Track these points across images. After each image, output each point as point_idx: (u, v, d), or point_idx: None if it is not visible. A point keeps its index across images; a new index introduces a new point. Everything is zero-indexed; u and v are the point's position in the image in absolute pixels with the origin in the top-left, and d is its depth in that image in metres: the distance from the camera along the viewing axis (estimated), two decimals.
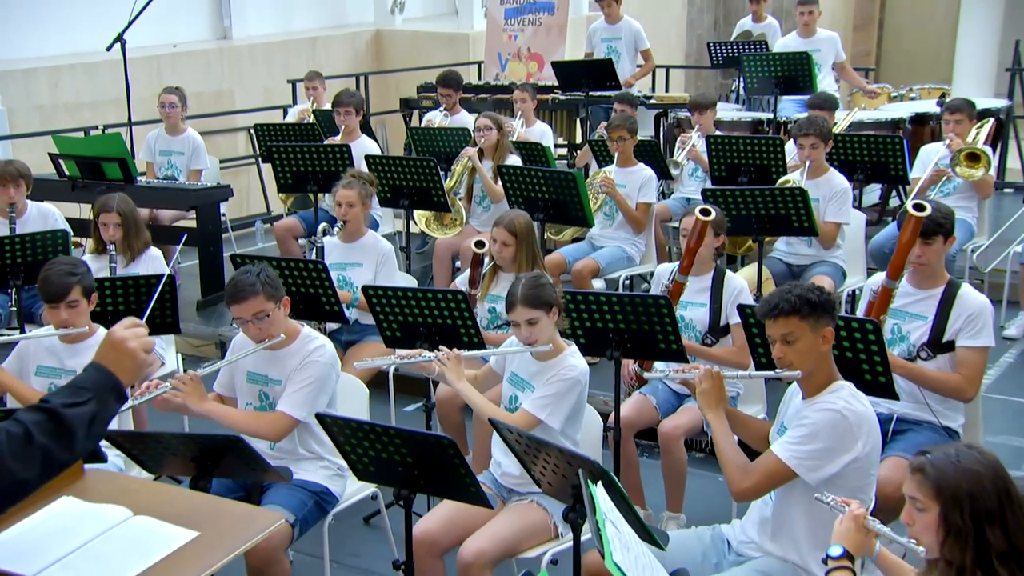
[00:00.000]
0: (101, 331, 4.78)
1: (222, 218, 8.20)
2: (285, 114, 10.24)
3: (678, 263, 5.45)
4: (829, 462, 3.51)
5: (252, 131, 8.57)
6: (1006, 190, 10.00)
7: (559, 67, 9.62)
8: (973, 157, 6.93)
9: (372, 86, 12.00)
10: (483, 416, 4.31)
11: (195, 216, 7.81)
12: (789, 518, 3.65)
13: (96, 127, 8.89)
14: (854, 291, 6.48)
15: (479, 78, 11.85)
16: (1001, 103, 9.57)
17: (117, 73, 10.37)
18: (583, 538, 3.65)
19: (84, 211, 8.04)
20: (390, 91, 12.36)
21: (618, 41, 10.20)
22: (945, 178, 6.98)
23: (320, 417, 3.85)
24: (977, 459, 2.76)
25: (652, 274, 7.18)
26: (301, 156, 7.32)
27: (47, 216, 6.69)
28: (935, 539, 2.74)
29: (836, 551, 3.05)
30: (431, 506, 5.24)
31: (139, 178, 7.82)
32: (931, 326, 4.64)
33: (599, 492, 3.04)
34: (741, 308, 4.70)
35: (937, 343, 4.65)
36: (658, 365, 4.96)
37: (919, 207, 4.49)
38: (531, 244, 5.58)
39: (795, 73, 8.43)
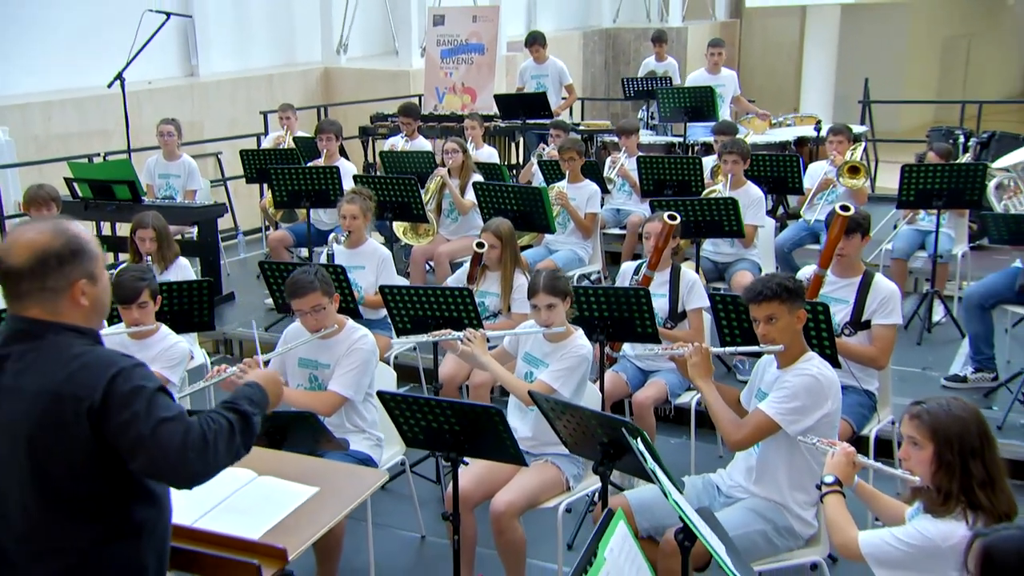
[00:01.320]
0: (164, 328, 4.81)
1: None
2: (259, 142, 10.12)
3: (639, 262, 5.67)
4: (806, 417, 3.67)
5: (239, 155, 8.45)
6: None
7: (500, 99, 9.74)
8: (854, 170, 7.25)
9: (316, 116, 11.92)
10: (505, 385, 4.43)
11: (196, 230, 7.78)
12: (771, 465, 3.81)
13: (98, 154, 8.72)
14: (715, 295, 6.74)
15: (420, 109, 11.84)
16: (863, 128, 10.04)
17: (102, 107, 10.32)
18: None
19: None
20: (340, 121, 12.32)
21: (545, 78, 10.32)
22: (832, 187, 7.32)
23: (381, 395, 3.90)
24: (963, 407, 2.96)
25: (594, 273, 7.46)
26: (295, 176, 7.29)
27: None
28: (928, 470, 2.93)
29: (830, 479, 3.22)
30: (439, 474, 5.38)
31: (143, 198, 7.75)
32: (852, 308, 4.85)
33: (642, 446, 3.21)
34: (712, 296, 4.91)
35: (857, 322, 4.86)
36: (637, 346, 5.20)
37: (845, 208, 4.78)
38: (514, 246, 5.72)
39: (701, 104, 8.69)
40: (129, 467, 2.32)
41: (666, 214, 5.17)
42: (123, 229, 8.42)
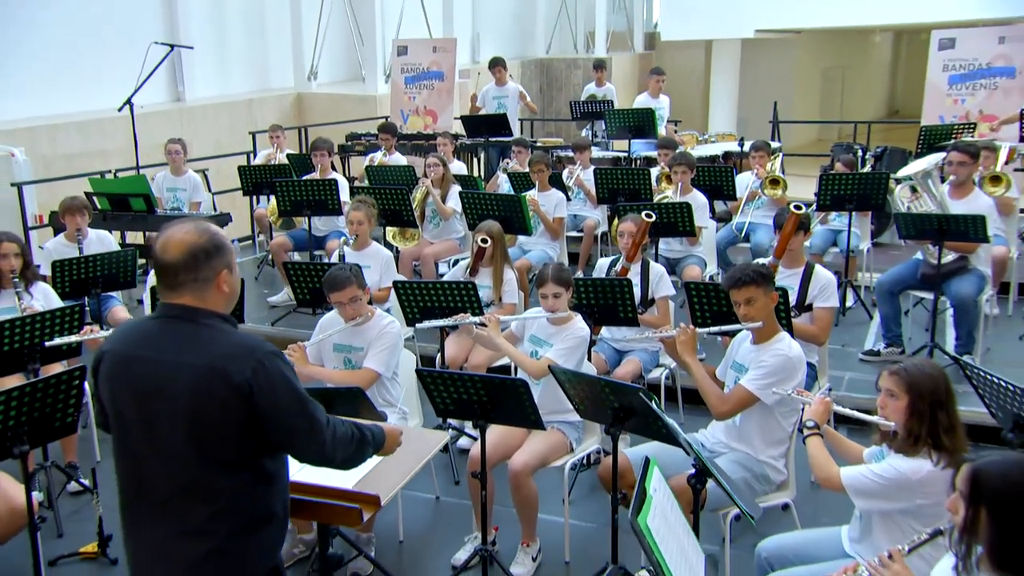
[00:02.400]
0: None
1: None
2: (250, 159, 10.07)
3: (612, 258, 5.81)
4: (781, 387, 3.82)
5: (237, 170, 8.41)
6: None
7: (466, 120, 9.83)
8: (775, 182, 7.57)
9: (297, 136, 11.95)
10: (516, 361, 4.54)
11: None
12: (749, 427, 4.00)
13: (109, 171, 8.63)
14: (711, 275, 6.99)
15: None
16: (777, 144, 10.39)
17: (102, 129, 10.19)
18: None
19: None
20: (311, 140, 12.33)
21: (506, 98, 10.46)
22: (757, 197, 7.57)
23: (420, 372, 4.00)
24: (933, 367, 3.19)
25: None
26: (298, 188, 7.33)
27: (103, 239, 6.53)
28: (902, 418, 3.12)
29: (810, 423, 3.40)
30: (448, 445, 5.39)
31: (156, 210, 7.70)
32: (797, 293, 5.06)
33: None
34: (687, 285, 5.09)
35: (801, 305, 5.09)
36: (625, 330, 5.37)
37: (798, 207, 5.05)
38: (503, 245, 5.83)
39: (644, 123, 8.93)
40: (268, 438, 2.45)
41: (643, 213, 5.37)
42: (137, 237, 8.40)
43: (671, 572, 2.47)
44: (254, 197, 9.14)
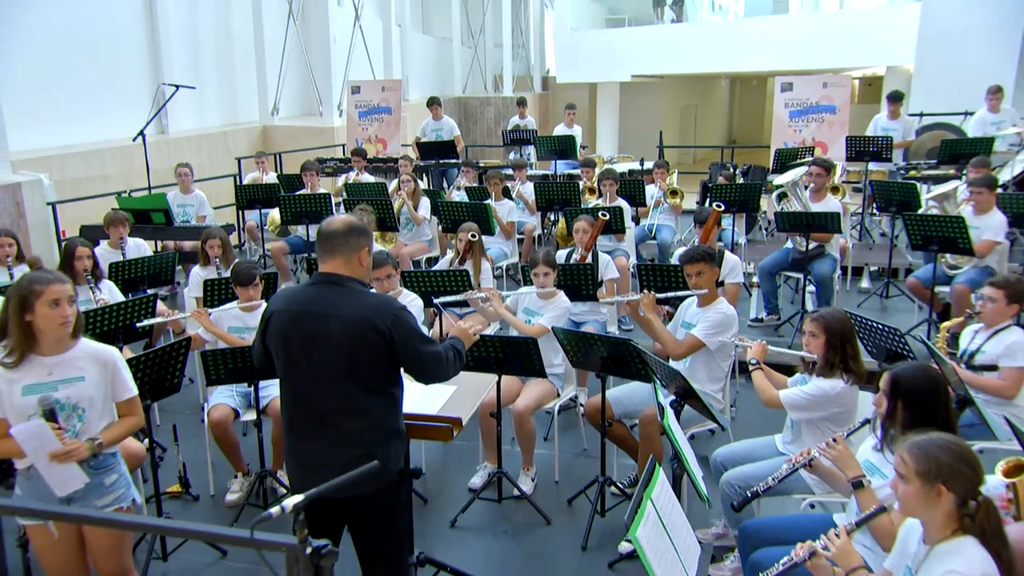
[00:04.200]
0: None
1: None
2: (237, 180, 10.01)
3: (569, 249, 6.10)
4: (719, 338, 4.28)
5: (236, 189, 8.38)
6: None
7: (421, 146, 9.97)
8: (674, 192, 8.14)
9: (273, 161, 11.85)
10: (516, 327, 4.78)
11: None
12: (696, 367, 4.38)
13: (124, 191, 8.51)
14: (633, 265, 7.40)
15: (343, 154, 11.97)
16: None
17: (103, 158, 10.01)
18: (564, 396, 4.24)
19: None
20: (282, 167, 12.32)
21: (441, 130, 10.66)
22: (660, 204, 8.10)
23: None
24: (839, 312, 3.61)
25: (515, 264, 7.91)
26: (298, 201, 7.43)
27: (139, 246, 6.51)
28: (821, 350, 3.54)
29: (753, 361, 3.82)
30: None
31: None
32: None
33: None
34: (639, 266, 5.46)
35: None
36: (579, 305, 5.65)
37: (719, 205, 5.53)
38: (481, 241, 6.15)
39: (566, 147, 9.34)
40: (402, 367, 2.76)
41: (599, 213, 5.77)
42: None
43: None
44: (245, 211, 9.12)
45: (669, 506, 2.68)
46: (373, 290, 2.90)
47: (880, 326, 4.20)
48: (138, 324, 4.60)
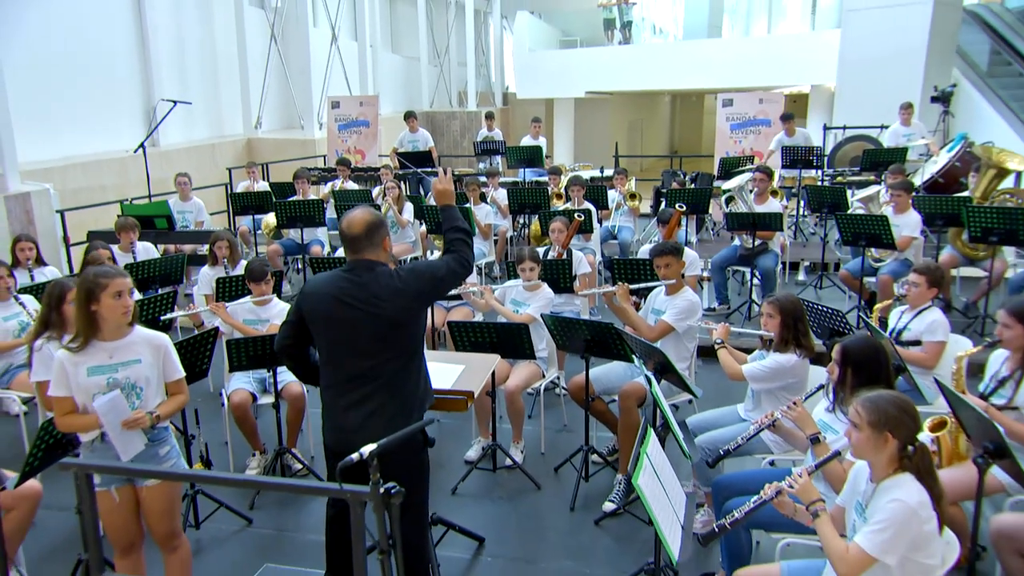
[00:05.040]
0: (276, 300, 4.97)
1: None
2: (228, 189, 9.98)
3: (546, 247, 6.22)
4: (687, 323, 4.43)
5: (231, 197, 8.42)
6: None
7: (400, 155, 10.07)
8: (633, 196, 8.41)
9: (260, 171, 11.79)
10: (506, 316, 4.88)
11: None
12: (667, 348, 4.39)
13: (124, 199, 8.45)
14: (599, 262, 7.62)
15: (324, 164, 11.99)
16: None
17: (101, 169, 9.93)
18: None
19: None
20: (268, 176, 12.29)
21: (417, 141, 10.75)
22: (620, 207, 8.34)
23: (450, 324, 4.41)
24: (792, 296, 3.81)
25: (491, 263, 8.07)
26: (293, 207, 7.47)
27: (148, 249, 6.54)
28: (777, 328, 3.75)
29: (719, 341, 3.99)
30: None
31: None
32: None
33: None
34: (612, 261, 5.61)
35: None
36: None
37: (681, 206, 5.75)
38: None
39: (534, 157, 9.51)
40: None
41: (575, 213, 5.96)
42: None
43: (656, 518, 2.62)
44: (238, 217, 9.13)
45: (660, 461, 2.90)
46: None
47: (824, 308, 4.49)
48: (162, 317, 4.66)
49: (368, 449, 1.91)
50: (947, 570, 2.49)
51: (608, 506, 4.20)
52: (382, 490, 1.89)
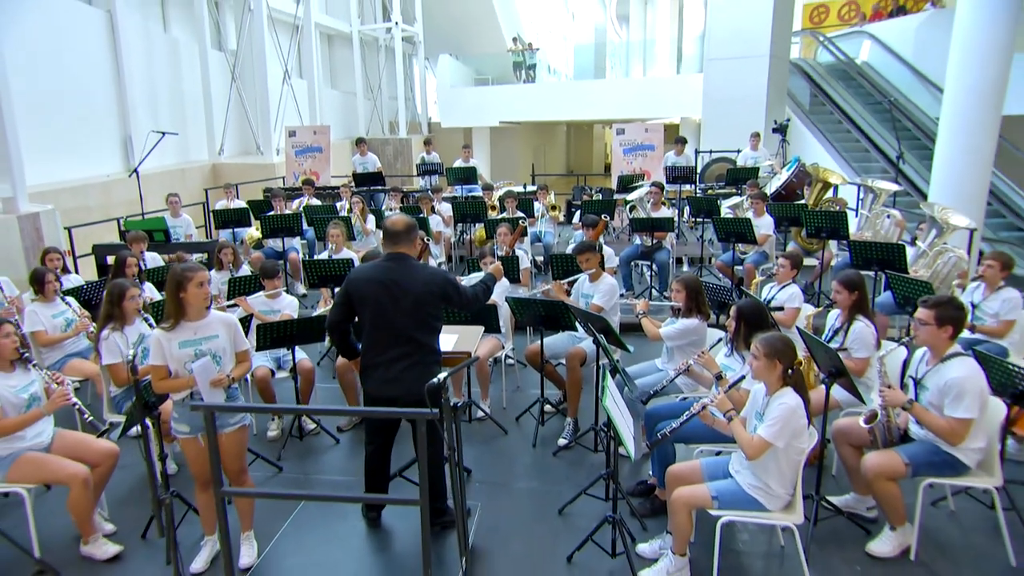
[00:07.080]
0: (285, 295, 5.23)
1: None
2: (205, 208, 9.88)
3: (496, 246, 6.68)
4: (614, 300, 4.78)
5: (212, 213, 8.36)
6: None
7: (357, 176, 10.13)
8: (553, 207, 8.93)
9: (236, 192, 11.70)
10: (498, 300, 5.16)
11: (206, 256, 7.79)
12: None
13: (122, 216, 8.27)
14: (532, 260, 8.08)
15: (284, 185, 11.95)
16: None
17: (93, 192, 9.60)
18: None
19: None
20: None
21: (367, 163, 10.74)
22: (544, 215, 8.87)
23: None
24: (693, 275, 4.31)
25: (442, 262, 8.37)
26: (275, 220, 7.53)
27: (154, 258, 6.54)
28: (683, 299, 4.24)
29: (641, 312, 4.42)
30: None
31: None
32: None
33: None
34: (551, 256, 6.06)
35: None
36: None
37: (605, 215, 6.28)
38: (425, 244, 6.63)
39: (470, 176, 9.86)
40: (451, 304, 3.32)
41: (518, 221, 6.41)
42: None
43: (619, 427, 3.03)
44: (219, 231, 9.07)
45: (615, 393, 3.46)
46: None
47: (714, 285, 5.17)
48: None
49: (442, 375, 2.35)
50: (810, 450, 3.15)
51: (562, 441, 4.65)
52: (452, 404, 2.33)
